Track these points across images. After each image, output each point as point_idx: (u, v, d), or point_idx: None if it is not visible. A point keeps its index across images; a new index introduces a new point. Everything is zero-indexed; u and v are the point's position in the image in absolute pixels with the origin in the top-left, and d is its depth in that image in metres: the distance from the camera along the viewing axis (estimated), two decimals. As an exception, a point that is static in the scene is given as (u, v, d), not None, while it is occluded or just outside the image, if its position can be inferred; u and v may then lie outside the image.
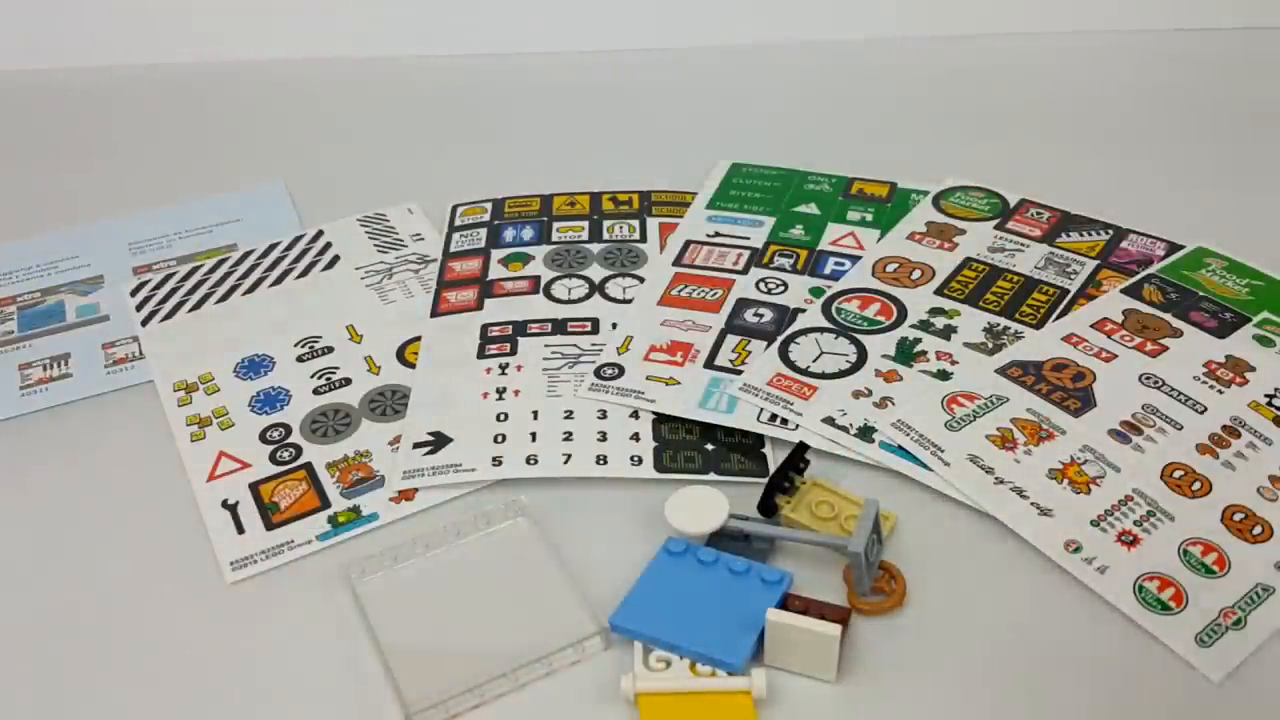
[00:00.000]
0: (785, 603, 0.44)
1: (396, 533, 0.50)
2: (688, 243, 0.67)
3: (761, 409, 0.55)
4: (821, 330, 0.59)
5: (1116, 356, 0.57)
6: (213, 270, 0.68)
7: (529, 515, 0.50)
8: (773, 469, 0.51)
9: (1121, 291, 0.61)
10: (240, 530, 0.51)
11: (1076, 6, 0.91)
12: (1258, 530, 0.48)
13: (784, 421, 0.54)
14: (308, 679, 0.45)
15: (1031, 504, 0.49)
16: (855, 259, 0.65)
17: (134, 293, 0.67)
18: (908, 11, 0.91)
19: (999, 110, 0.82)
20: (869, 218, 0.69)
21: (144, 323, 0.65)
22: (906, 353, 0.57)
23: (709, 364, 0.58)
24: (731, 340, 0.59)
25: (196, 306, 0.66)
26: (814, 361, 0.57)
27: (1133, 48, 0.90)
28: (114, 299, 0.67)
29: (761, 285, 0.63)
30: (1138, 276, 0.62)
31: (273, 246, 0.70)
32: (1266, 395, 0.54)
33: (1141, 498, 0.49)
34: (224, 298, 0.66)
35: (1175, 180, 0.73)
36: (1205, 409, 0.54)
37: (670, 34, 0.92)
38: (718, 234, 0.68)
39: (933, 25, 0.91)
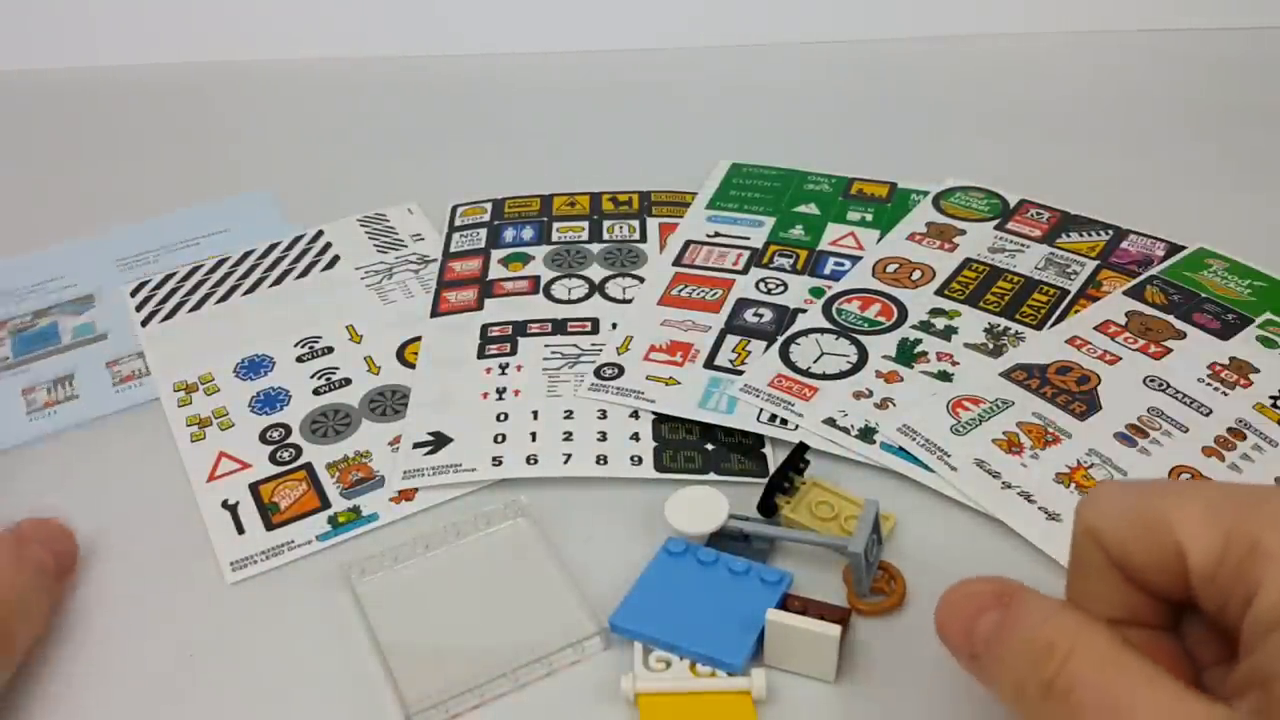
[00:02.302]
0: (785, 603, 0.44)
1: (396, 533, 0.50)
2: (688, 243, 0.67)
3: (761, 409, 0.55)
4: (822, 331, 0.59)
5: (1120, 359, 0.57)
6: (213, 270, 0.69)
7: (529, 515, 0.50)
8: (773, 469, 0.51)
9: (1124, 293, 0.61)
10: (240, 530, 0.51)
11: (1076, 6, 0.91)
12: None
13: (784, 422, 0.54)
14: (308, 679, 0.45)
15: (1040, 509, 0.49)
16: (855, 259, 0.65)
17: (134, 293, 0.67)
18: (906, 12, 0.92)
19: (999, 110, 0.82)
20: (869, 218, 0.69)
21: (144, 323, 0.65)
22: (907, 353, 0.58)
23: (709, 364, 0.58)
24: (731, 340, 0.59)
25: (197, 307, 0.66)
26: (815, 362, 0.57)
27: (1133, 47, 0.90)
28: (110, 316, 0.66)
29: (761, 285, 0.63)
30: (1140, 278, 0.63)
31: (273, 247, 0.70)
32: (1271, 397, 0.54)
33: None
34: (224, 298, 0.66)
35: (1175, 180, 0.74)
36: (1210, 411, 0.54)
37: (670, 34, 0.92)
38: (718, 234, 0.68)
39: (932, 25, 0.92)
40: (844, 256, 0.65)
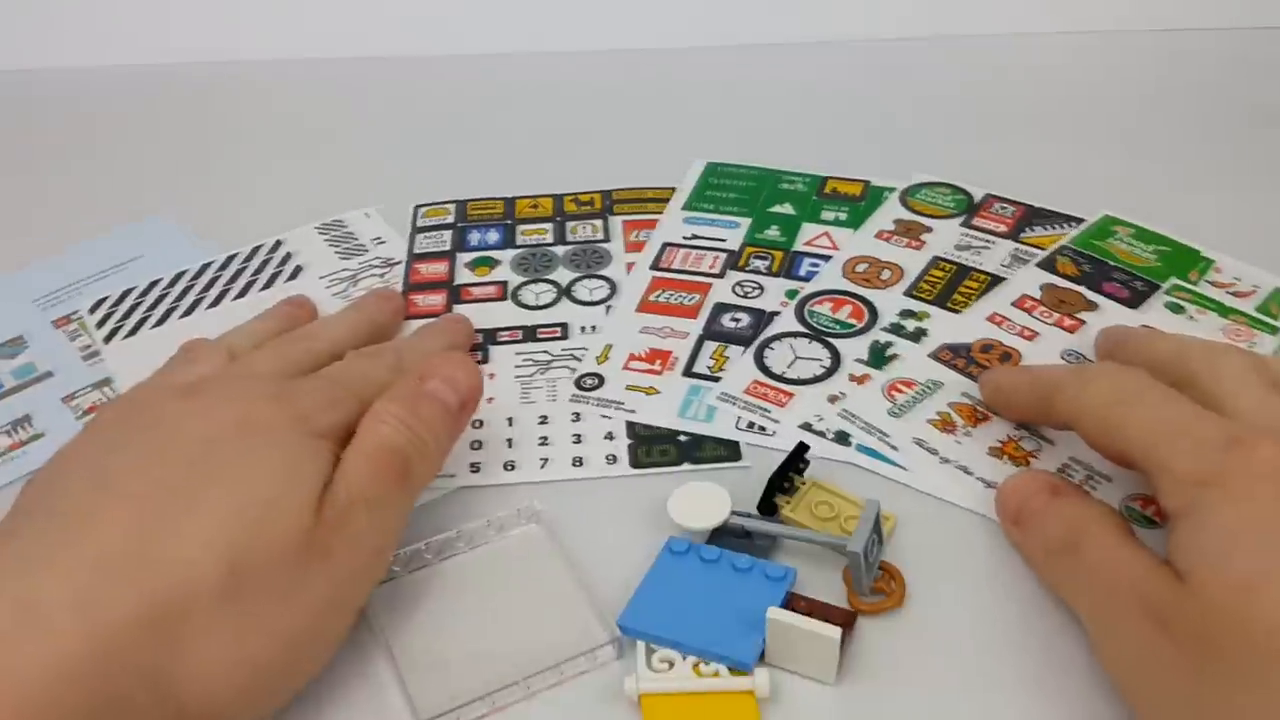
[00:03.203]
0: (790, 603, 0.46)
1: (406, 539, 0.51)
2: (665, 245, 0.69)
3: (739, 417, 0.56)
4: (796, 335, 0.61)
5: (1039, 335, 0.60)
6: (172, 285, 0.69)
7: (542, 521, 0.51)
8: (744, 456, 0.54)
9: (1037, 265, 0.65)
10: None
11: (1061, 6, 0.93)
12: None
13: (762, 429, 0.56)
14: (317, 683, 0.45)
15: (978, 479, 0.52)
16: (830, 259, 0.67)
17: (93, 309, 0.67)
18: (877, 14, 0.93)
19: (970, 110, 0.84)
20: (843, 217, 0.71)
21: (107, 339, 0.65)
22: (879, 356, 0.59)
23: (687, 371, 0.59)
24: (709, 346, 0.61)
25: (160, 322, 0.66)
26: (789, 367, 0.59)
27: (1101, 46, 0.92)
28: (50, 355, 0.65)
29: (738, 289, 0.65)
30: (1050, 250, 0.66)
31: (231, 258, 0.71)
32: None
33: (1077, 464, 0.53)
34: (188, 312, 0.67)
35: (1163, 176, 0.75)
36: None
37: (639, 35, 0.93)
38: (695, 236, 0.70)
39: (901, 28, 0.93)
40: (819, 257, 0.67)
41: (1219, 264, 0.65)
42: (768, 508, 0.50)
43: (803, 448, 0.52)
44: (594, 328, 0.63)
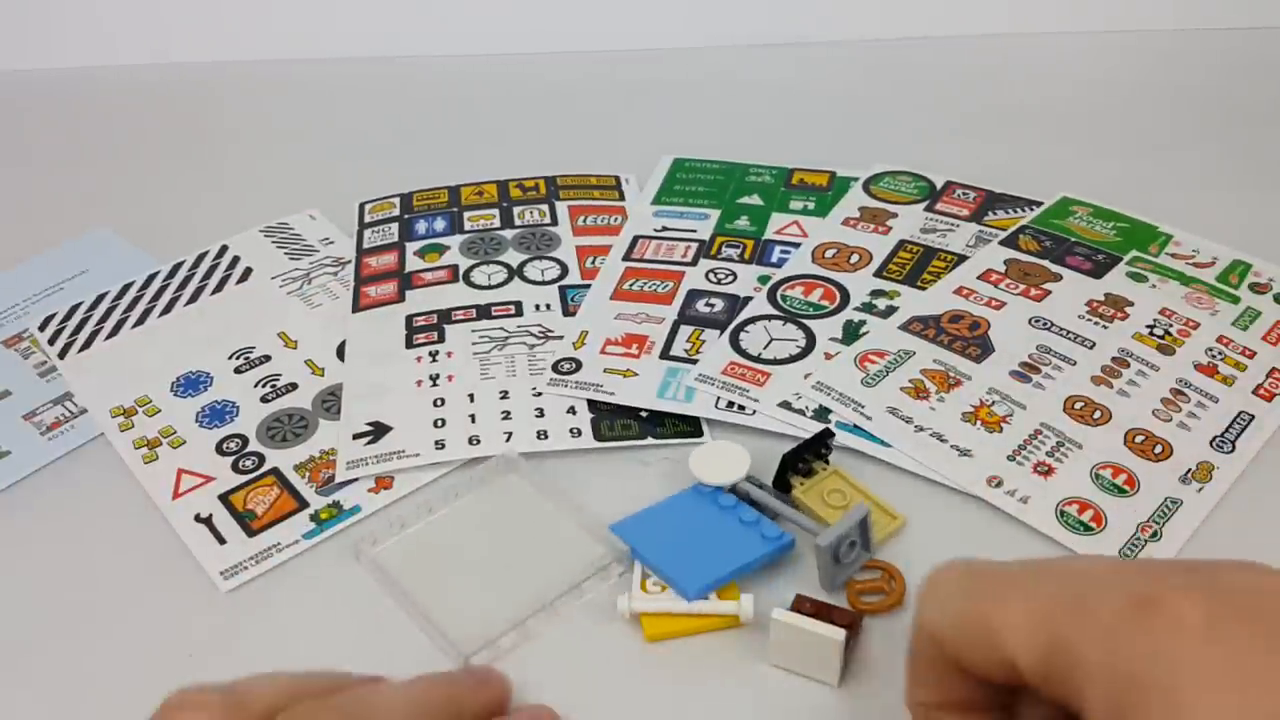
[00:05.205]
0: (795, 605, 0.47)
1: (396, 501, 0.54)
2: (636, 238, 0.72)
3: (719, 397, 0.59)
4: (770, 317, 0.64)
5: (1005, 304, 0.65)
6: (120, 296, 0.70)
7: (519, 470, 0.55)
8: (707, 432, 0.58)
9: (1000, 243, 0.69)
10: (221, 541, 0.53)
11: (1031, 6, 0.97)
12: (1159, 449, 0.56)
13: (741, 408, 0.58)
14: (341, 650, 0.48)
15: (951, 447, 0.56)
16: (800, 246, 0.70)
17: (42, 327, 0.68)
18: (832, 16, 0.97)
19: (932, 105, 0.88)
20: (811, 206, 0.74)
21: (61, 355, 0.66)
22: (852, 334, 0.63)
23: (664, 354, 0.62)
24: (685, 330, 0.64)
25: (113, 333, 0.67)
26: (765, 348, 0.62)
27: (1049, 46, 0.96)
28: (3, 373, 0.66)
29: (711, 276, 0.68)
30: (1012, 229, 0.70)
31: (177, 267, 0.72)
32: (1147, 326, 0.63)
33: (1050, 430, 0.57)
34: (140, 321, 0.68)
35: (1119, 163, 0.80)
36: (1094, 344, 0.62)
37: (601, 38, 0.96)
38: (665, 228, 0.73)
39: (863, 29, 0.97)
40: (790, 244, 0.71)
41: (1177, 238, 0.69)
42: (782, 485, 0.53)
43: (827, 434, 0.55)
44: (548, 306, 0.66)
